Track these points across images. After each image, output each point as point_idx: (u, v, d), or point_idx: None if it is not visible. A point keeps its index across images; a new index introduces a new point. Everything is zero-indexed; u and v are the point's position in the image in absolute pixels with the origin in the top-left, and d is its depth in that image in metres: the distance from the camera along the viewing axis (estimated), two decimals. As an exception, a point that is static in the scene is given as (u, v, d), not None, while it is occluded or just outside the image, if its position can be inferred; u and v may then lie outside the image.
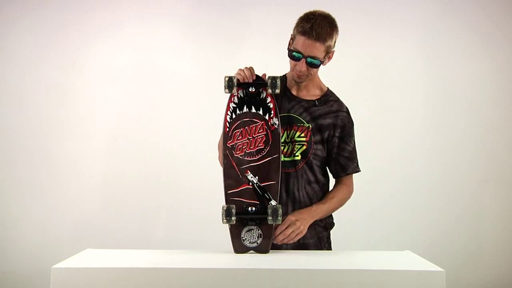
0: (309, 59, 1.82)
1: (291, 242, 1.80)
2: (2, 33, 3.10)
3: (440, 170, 3.11)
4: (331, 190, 1.99)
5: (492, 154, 3.12)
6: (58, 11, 3.12)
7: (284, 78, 1.99)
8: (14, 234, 3.03)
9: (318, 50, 1.80)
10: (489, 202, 3.11)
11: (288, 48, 1.89)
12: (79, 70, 3.12)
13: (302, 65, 1.84)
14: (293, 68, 1.89)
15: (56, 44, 3.11)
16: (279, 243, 1.79)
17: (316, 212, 1.89)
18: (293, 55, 1.84)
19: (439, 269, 1.43)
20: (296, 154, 1.90)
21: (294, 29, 1.86)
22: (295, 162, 1.90)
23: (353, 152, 1.98)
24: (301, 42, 1.81)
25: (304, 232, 1.81)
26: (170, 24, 3.15)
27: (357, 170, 1.99)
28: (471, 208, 3.11)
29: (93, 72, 3.12)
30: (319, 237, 1.94)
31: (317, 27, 1.79)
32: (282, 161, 1.87)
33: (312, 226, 1.92)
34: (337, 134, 1.93)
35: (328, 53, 1.86)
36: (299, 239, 1.88)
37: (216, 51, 3.12)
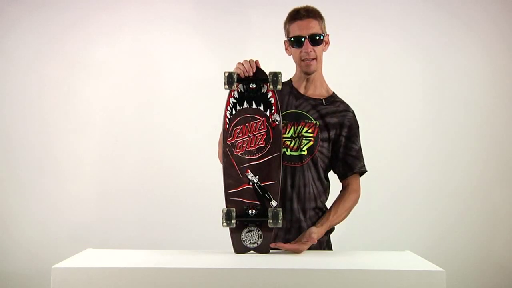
0: (311, 37, 1.87)
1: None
2: (3, 34, 3.10)
3: (440, 170, 3.11)
4: (341, 198, 1.95)
5: (493, 153, 3.12)
6: (59, 12, 3.12)
7: (289, 81, 2.00)
8: (15, 234, 3.03)
9: (314, 27, 1.88)
10: (490, 201, 3.10)
11: (286, 48, 1.96)
12: (80, 71, 3.12)
13: (306, 46, 1.88)
14: (299, 58, 1.92)
15: (57, 45, 3.11)
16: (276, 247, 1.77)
17: (331, 226, 1.90)
18: (295, 40, 1.89)
19: (439, 269, 1.43)
20: (303, 149, 1.89)
21: (285, 29, 1.95)
22: (301, 157, 1.89)
23: (360, 151, 1.97)
24: (297, 26, 1.89)
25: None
26: (171, 26, 3.15)
27: (364, 169, 1.97)
28: (471, 208, 3.10)
29: (94, 73, 3.12)
30: (319, 241, 1.93)
31: (303, 10, 1.90)
32: (288, 155, 1.88)
33: None
34: (344, 134, 1.93)
35: (325, 34, 1.92)
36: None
37: (217, 52, 3.12)
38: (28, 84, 3.10)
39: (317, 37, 1.88)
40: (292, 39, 1.90)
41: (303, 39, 1.87)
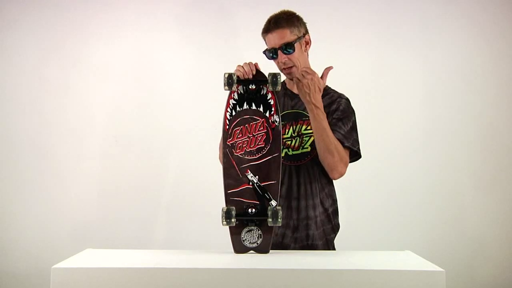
0: (283, 47, 1.90)
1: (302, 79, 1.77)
2: (3, 33, 3.10)
3: (440, 169, 3.11)
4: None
5: (492, 152, 3.12)
6: (58, 11, 3.11)
7: (283, 83, 2.01)
8: (14, 234, 3.02)
9: (285, 36, 1.91)
10: (490, 201, 3.10)
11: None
12: (79, 70, 3.12)
13: (281, 56, 1.92)
14: (279, 67, 1.96)
15: (57, 44, 3.11)
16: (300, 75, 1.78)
17: (319, 114, 1.81)
18: (269, 53, 1.94)
19: (439, 269, 1.43)
20: (305, 147, 1.90)
21: (263, 51, 1.98)
22: (304, 154, 1.90)
23: (350, 134, 1.91)
24: (268, 39, 1.94)
25: (313, 88, 1.79)
26: (171, 26, 3.15)
27: (353, 148, 1.88)
28: (471, 208, 3.10)
29: (93, 72, 3.12)
30: (327, 239, 1.94)
31: (273, 21, 1.93)
32: (291, 155, 1.89)
33: (321, 228, 1.92)
34: (335, 116, 1.92)
35: (300, 38, 1.93)
36: (308, 241, 1.89)
37: (215, 50, 3.12)
38: (28, 84, 3.10)
39: (289, 46, 1.90)
40: (267, 52, 1.95)
41: (276, 51, 1.92)
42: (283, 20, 1.92)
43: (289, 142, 1.90)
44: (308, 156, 1.91)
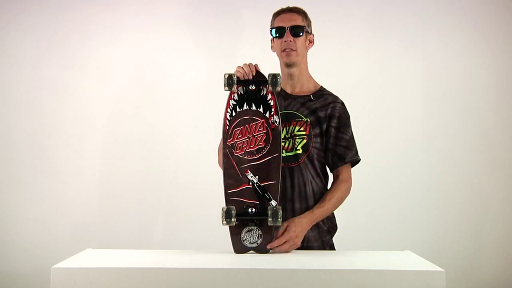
0: (292, 28, 1.92)
1: (284, 252, 1.78)
2: (2, 32, 3.10)
3: (440, 169, 3.11)
4: (329, 189, 1.95)
5: (492, 153, 3.12)
6: (58, 11, 3.12)
7: None
8: (14, 234, 3.03)
9: (297, 20, 1.94)
10: (490, 201, 3.10)
11: (271, 46, 2.00)
12: (79, 70, 3.12)
13: (287, 36, 1.92)
14: (280, 49, 1.95)
15: (56, 44, 3.11)
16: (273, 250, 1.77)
17: (316, 217, 1.88)
18: (276, 30, 1.94)
19: (439, 269, 1.43)
20: (298, 148, 1.90)
21: (270, 28, 1.99)
22: (297, 156, 1.90)
23: (351, 141, 1.96)
24: (279, 19, 1.96)
25: (298, 245, 1.79)
26: (171, 27, 3.15)
27: (355, 158, 1.95)
28: (471, 208, 3.10)
29: (93, 72, 3.12)
30: (322, 241, 1.94)
31: (287, 7, 1.98)
32: (284, 156, 1.89)
33: (316, 230, 1.92)
34: (333, 125, 1.93)
35: (308, 31, 1.97)
36: (303, 243, 1.89)
37: (214, 50, 3.12)
38: (28, 84, 3.10)
39: (298, 29, 1.93)
40: (274, 29, 1.95)
41: (284, 30, 1.93)
42: (298, 9, 1.98)
43: (282, 144, 1.90)
44: (300, 159, 1.91)
